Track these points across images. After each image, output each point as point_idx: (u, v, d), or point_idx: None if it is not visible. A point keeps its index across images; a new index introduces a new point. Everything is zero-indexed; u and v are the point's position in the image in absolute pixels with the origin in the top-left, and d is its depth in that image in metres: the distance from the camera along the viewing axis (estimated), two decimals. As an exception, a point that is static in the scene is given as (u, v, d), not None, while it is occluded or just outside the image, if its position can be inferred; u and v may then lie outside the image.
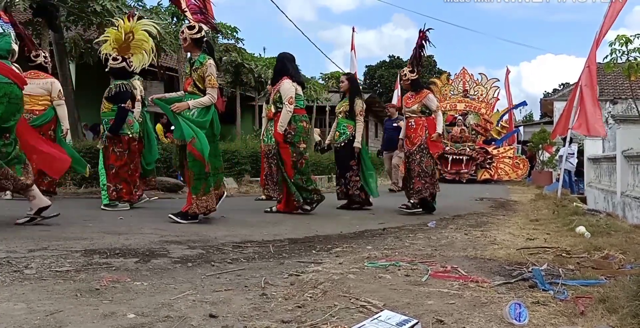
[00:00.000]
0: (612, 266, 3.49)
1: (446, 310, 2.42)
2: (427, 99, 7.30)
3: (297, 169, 6.56)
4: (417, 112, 7.32)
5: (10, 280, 2.73)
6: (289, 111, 6.48)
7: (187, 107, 5.43)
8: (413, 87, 7.44)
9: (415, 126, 7.34)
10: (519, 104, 23.99)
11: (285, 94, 6.53)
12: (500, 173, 19.59)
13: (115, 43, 6.53)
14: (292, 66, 6.84)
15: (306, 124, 6.75)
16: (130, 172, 6.59)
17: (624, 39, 9.50)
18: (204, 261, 3.47)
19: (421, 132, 7.29)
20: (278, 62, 6.92)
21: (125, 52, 6.57)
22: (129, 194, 6.55)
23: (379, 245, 4.38)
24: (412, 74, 7.40)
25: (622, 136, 9.75)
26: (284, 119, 6.49)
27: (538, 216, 6.89)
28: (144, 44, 6.55)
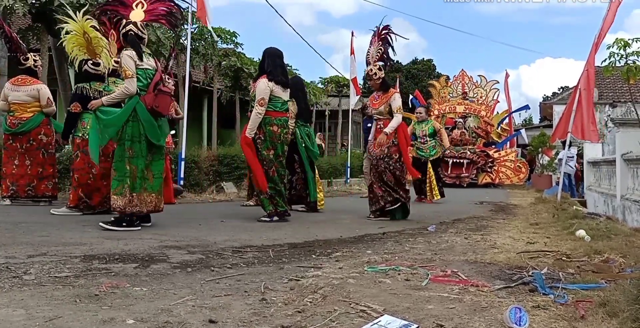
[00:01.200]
0: (613, 270, 3.48)
1: (446, 315, 2.42)
2: (393, 99, 6.89)
3: (269, 178, 6.15)
4: (384, 113, 6.91)
5: (9, 286, 2.72)
6: (258, 113, 6.07)
7: (101, 104, 5.19)
8: (382, 87, 7.05)
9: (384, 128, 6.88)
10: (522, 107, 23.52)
11: (257, 94, 6.14)
12: (501, 177, 19.14)
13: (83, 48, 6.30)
14: (275, 63, 6.35)
15: (277, 128, 6.21)
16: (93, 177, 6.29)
17: (623, 42, 9.52)
18: (203, 266, 3.46)
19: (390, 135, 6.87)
20: (261, 58, 6.49)
21: (92, 55, 6.36)
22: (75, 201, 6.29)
23: (378, 249, 4.37)
24: (382, 73, 7.02)
25: (622, 140, 9.76)
26: (252, 122, 6.10)
27: (538, 220, 6.89)
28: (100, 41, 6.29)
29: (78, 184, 6.26)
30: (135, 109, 5.09)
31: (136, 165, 5.07)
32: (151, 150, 5.20)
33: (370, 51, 7.20)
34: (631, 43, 9.71)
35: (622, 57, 10.54)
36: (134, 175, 5.05)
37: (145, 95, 5.10)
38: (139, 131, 5.10)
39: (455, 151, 18.49)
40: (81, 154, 6.29)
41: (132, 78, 5.07)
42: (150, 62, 5.26)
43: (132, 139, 5.08)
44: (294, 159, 7.69)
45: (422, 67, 41.15)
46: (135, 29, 5.22)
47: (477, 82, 21.19)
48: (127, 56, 5.09)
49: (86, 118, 6.30)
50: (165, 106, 5.27)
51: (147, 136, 5.12)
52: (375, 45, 7.14)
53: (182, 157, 9.46)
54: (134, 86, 5.07)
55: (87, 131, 6.24)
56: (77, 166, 6.32)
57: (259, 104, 6.07)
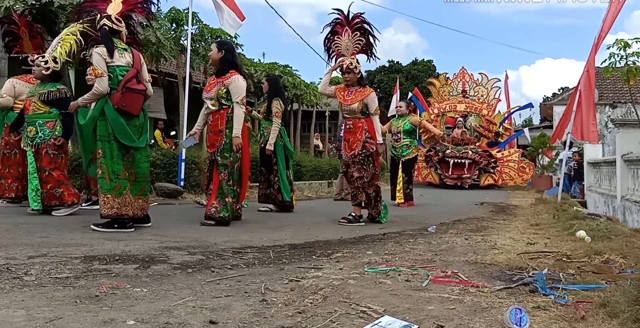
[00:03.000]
0: (613, 270, 3.48)
1: (447, 316, 2.42)
2: (369, 98, 6.39)
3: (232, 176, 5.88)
4: (357, 112, 6.40)
5: (9, 287, 2.72)
6: (243, 112, 5.86)
7: (78, 106, 5.10)
8: (360, 82, 6.54)
9: (354, 128, 6.43)
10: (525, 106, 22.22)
11: (240, 92, 5.82)
12: (504, 178, 18.10)
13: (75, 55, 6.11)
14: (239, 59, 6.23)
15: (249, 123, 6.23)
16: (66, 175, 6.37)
17: (623, 43, 9.51)
18: (203, 267, 3.46)
19: (361, 136, 6.39)
20: (227, 52, 5.95)
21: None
22: (72, 196, 6.30)
23: (379, 250, 4.37)
24: (361, 66, 6.54)
25: (622, 140, 9.74)
26: (240, 122, 5.78)
27: (538, 221, 6.89)
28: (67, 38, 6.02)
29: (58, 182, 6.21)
30: (103, 109, 4.98)
31: (107, 166, 4.94)
32: (128, 151, 5.07)
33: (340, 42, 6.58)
34: (631, 44, 9.70)
35: (622, 58, 10.52)
36: (106, 177, 4.93)
37: (114, 93, 4.99)
38: (107, 130, 4.97)
39: (457, 151, 17.69)
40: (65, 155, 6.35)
41: (103, 77, 4.94)
42: (126, 58, 5.12)
43: (102, 139, 4.97)
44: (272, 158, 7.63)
45: (422, 68, 41.10)
46: (109, 22, 5.13)
47: (477, 80, 20.22)
48: (96, 54, 4.96)
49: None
50: (135, 105, 5.09)
51: (117, 136, 4.98)
52: (347, 35, 6.56)
53: (182, 158, 9.44)
54: (104, 85, 4.94)
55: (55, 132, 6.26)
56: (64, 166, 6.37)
57: (243, 102, 5.84)
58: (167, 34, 12.65)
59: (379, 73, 42.40)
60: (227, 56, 5.93)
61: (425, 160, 17.96)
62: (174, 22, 13.54)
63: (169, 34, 13.00)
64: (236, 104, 5.78)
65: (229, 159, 5.78)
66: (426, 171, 18.22)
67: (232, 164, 5.79)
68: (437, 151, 17.83)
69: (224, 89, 5.80)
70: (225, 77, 5.83)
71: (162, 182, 9.19)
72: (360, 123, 6.41)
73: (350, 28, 6.54)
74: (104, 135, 4.97)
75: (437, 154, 17.74)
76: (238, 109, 5.79)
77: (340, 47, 6.60)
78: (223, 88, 5.80)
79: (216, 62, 5.98)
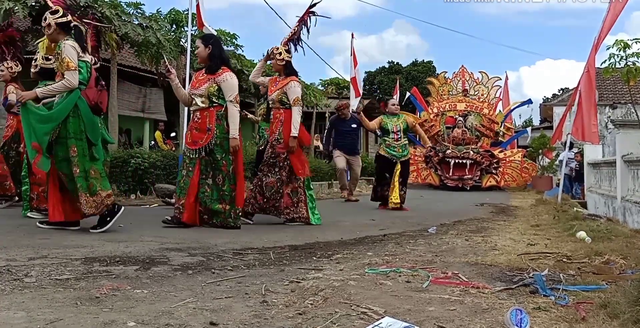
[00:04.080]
0: (613, 271, 3.48)
1: (447, 317, 2.42)
2: (288, 87, 6.22)
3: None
4: (276, 102, 6.28)
5: (10, 289, 2.72)
6: (238, 110, 5.66)
7: (35, 96, 4.80)
8: (285, 71, 6.40)
9: (272, 119, 6.34)
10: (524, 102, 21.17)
11: (233, 90, 5.60)
12: (507, 179, 17.62)
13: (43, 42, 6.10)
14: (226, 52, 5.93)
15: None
16: None
17: (623, 43, 9.51)
18: (204, 268, 3.46)
19: (275, 129, 6.27)
20: (214, 47, 5.73)
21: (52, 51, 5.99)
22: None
23: (379, 251, 4.37)
24: (289, 55, 6.45)
25: (622, 141, 9.73)
26: (235, 122, 5.58)
27: (539, 222, 6.89)
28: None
29: None
30: (76, 104, 4.83)
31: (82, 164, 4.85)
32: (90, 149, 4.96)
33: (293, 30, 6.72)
34: (631, 44, 9.69)
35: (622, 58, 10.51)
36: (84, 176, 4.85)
37: (87, 90, 4.89)
38: (80, 127, 4.85)
39: (457, 151, 17.25)
40: None
41: (75, 71, 4.79)
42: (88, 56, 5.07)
43: (75, 136, 4.84)
44: None
45: (423, 68, 41.14)
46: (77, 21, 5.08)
47: (478, 79, 19.60)
48: (70, 47, 4.82)
49: None
50: (106, 103, 5.12)
51: (87, 134, 4.88)
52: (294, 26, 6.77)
53: (182, 159, 9.44)
54: (76, 79, 4.79)
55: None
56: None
57: (237, 101, 5.63)
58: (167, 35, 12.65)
59: (379, 74, 42.44)
60: (215, 51, 5.72)
61: (425, 161, 17.65)
62: (174, 23, 13.55)
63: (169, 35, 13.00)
64: (230, 102, 5.59)
65: (222, 163, 5.56)
66: (426, 172, 17.86)
67: (226, 168, 5.57)
68: (437, 151, 17.42)
69: (216, 87, 5.58)
70: (217, 74, 5.61)
71: (162, 183, 9.20)
72: (277, 114, 6.29)
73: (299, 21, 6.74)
74: (77, 132, 4.84)
75: (437, 155, 17.34)
76: (233, 109, 5.59)
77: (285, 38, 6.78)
78: (215, 85, 5.58)
79: (204, 59, 5.77)
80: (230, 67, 5.79)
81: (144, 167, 9.46)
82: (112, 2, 11.52)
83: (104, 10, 10.62)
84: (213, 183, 5.58)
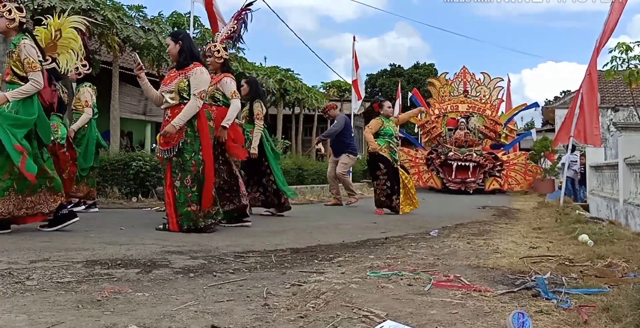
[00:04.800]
0: (616, 274, 3.47)
1: (449, 320, 2.41)
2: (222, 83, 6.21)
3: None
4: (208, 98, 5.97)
5: (11, 292, 2.72)
6: (197, 106, 5.31)
7: (6, 100, 4.64)
8: (223, 68, 6.40)
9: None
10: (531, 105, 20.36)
11: (200, 85, 5.34)
12: (511, 182, 17.11)
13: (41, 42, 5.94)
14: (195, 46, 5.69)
15: (213, 123, 5.60)
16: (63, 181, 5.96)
17: (625, 46, 9.52)
18: (205, 271, 3.46)
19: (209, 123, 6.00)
20: (184, 42, 5.52)
21: (51, 51, 6.08)
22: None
23: (381, 254, 4.37)
24: (226, 52, 6.49)
25: (624, 144, 9.72)
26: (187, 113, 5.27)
27: (541, 225, 6.88)
28: (72, 42, 6.04)
29: None
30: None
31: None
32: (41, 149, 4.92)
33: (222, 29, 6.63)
34: (633, 47, 9.70)
35: (624, 61, 10.52)
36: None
37: (42, 90, 4.83)
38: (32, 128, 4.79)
39: (460, 153, 16.81)
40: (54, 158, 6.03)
41: (40, 71, 4.75)
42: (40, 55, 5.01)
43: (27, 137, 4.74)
44: (261, 161, 7.41)
45: (424, 71, 41.18)
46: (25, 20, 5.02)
47: (480, 79, 19.11)
48: (30, 47, 4.74)
49: (54, 120, 6.20)
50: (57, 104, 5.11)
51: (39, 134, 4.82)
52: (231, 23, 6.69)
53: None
54: (42, 80, 4.74)
55: (58, 134, 6.20)
56: None
57: (201, 97, 5.32)
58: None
59: (381, 77, 42.48)
60: (185, 46, 5.50)
61: (427, 163, 17.34)
62: (175, 26, 13.57)
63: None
64: (193, 96, 5.30)
65: (191, 163, 5.29)
66: (427, 175, 17.48)
67: (195, 169, 5.30)
68: (439, 153, 17.12)
69: (186, 82, 5.35)
70: (188, 69, 5.39)
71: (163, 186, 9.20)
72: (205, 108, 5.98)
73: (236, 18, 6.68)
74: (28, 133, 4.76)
75: (439, 157, 17.00)
76: (192, 102, 5.28)
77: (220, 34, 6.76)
78: (185, 80, 5.36)
79: (175, 56, 5.57)
80: (202, 63, 5.58)
81: (146, 170, 9.48)
82: (114, 5, 11.57)
83: (106, 13, 10.65)
84: (181, 185, 5.31)
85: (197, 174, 5.31)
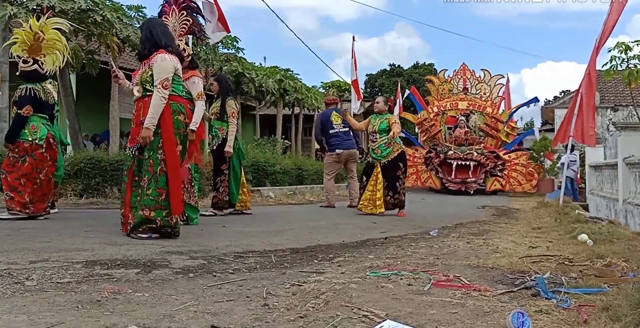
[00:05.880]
0: (615, 274, 3.47)
1: (449, 320, 2.41)
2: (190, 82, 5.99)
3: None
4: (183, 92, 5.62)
5: (11, 292, 2.72)
6: (163, 97, 4.76)
7: None
8: (191, 65, 6.23)
9: None
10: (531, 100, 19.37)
11: (161, 73, 4.79)
12: (512, 183, 16.54)
13: (24, 44, 6.16)
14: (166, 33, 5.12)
15: (184, 118, 5.00)
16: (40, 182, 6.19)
17: (624, 46, 9.52)
18: (205, 271, 3.46)
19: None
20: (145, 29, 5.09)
21: (36, 53, 6.19)
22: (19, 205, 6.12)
23: (381, 254, 4.37)
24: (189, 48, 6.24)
25: (624, 143, 9.73)
26: (155, 111, 4.74)
27: (540, 224, 6.88)
28: (57, 43, 6.16)
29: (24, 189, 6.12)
30: None
31: None
32: None
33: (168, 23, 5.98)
34: (632, 47, 9.70)
35: (624, 61, 10.53)
36: None
37: None
38: None
39: (460, 152, 16.20)
40: (30, 158, 6.15)
41: None
42: None
43: None
44: (224, 160, 7.30)
45: (424, 71, 41.17)
46: None
47: (480, 77, 18.45)
48: None
49: (35, 121, 6.21)
50: None
51: None
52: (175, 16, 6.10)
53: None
54: None
55: (37, 135, 6.18)
56: (25, 171, 6.14)
57: (163, 86, 4.75)
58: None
59: (380, 77, 42.47)
60: (144, 35, 5.05)
61: (425, 163, 16.93)
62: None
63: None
64: (155, 88, 4.77)
65: (149, 162, 4.79)
66: (426, 174, 17.06)
67: (152, 169, 4.77)
68: (437, 152, 16.61)
69: (149, 72, 4.85)
70: (150, 59, 4.91)
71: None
72: None
73: (177, 7, 6.14)
74: None
75: (438, 156, 16.48)
76: (155, 95, 4.75)
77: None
78: (148, 71, 4.86)
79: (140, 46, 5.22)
80: (167, 49, 4.94)
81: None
82: (113, 5, 11.57)
83: (105, 13, 10.64)
84: (140, 186, 4.86)
85: (154, 175, 4.77)
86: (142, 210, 4.77)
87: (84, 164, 9.34)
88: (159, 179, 4.77)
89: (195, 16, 6.18)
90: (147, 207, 4.76)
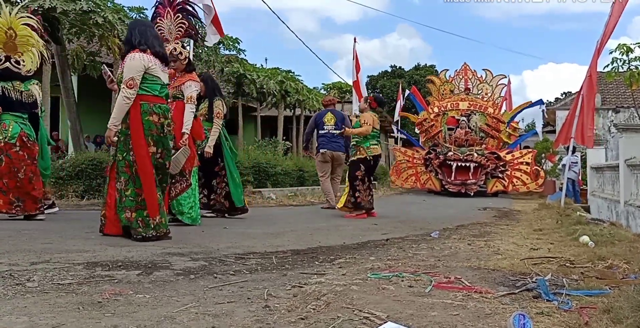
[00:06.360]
0: (616, 276, 3.47)
1: (450, 322, 2.41)
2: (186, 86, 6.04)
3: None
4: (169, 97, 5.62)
5: (12, 293, 2.72)
6: (125, 97, 4.67)
7: None
8: (187, 68, 6.23)
9: None
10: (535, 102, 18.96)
11: (127, 72, 4.71)
12: (516, 183, 16.01)
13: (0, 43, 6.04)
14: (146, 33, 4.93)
15: (159, 118, 4.82)
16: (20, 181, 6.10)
17: (625, 48, 9.52)
18: (206, 273, 3.46)
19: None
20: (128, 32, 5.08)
21: (12, 51, 6.08)
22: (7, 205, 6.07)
23: (382, 255, 4.36)
24: (186, 51, 6.27)
25: (625, 145, 9.73)
26: (117, 109, 4.72)
27: (541, 226, 6.87)
28: (30, 39, 6.07)
29: (7, 188, 6.07)
30: None
31: None
32: None
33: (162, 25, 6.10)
34: (634, 48, 9.70)
35: (625, 62, 10.53)
36: None
37: None
38: None
39: (460, 153, 15.84)
40: (5, 158, 6.08)
41: None
42: None
43: None
44: (216, 161, 7.21)
45: (425, 72, 41.14)
46: None
47: (481, 77, 18.02)
48: None
49: (7, 120, 6.15)
50: None
51: None
52: (170, 18, 6.13)
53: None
54: None
55: (8, 134, 6.12)
56: (2, 171, 6.08)
57: (128, 85, 4.66)
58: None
59: (382, 78, 42.45)
60: (127, 34, 5.03)
61: (425, 164, 16.58)
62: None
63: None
64: (122, 88, 4.69)
65: (124, 163, 4.77)
66: (425, 176, 16.68)
67: (129, 170, 4.76)
68: (437, 153, 16.25)
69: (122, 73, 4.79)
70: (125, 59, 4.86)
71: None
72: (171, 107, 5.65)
73: (172, 9, 6.14)
74: None
75: (437, 157, 16.11)
76: (120, 94, 4.70)
77: (163, 31, 6.17)
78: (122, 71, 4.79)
79: None
80: (140, 48, 4.82)
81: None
82: (114, 6, 11.58)
83: (106, 14, 10.65)
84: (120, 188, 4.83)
85: (131, 176, 4.77)
86: (125, 212, 4.77)
87: (85, 165, 9.35)
88: (136, 180, 4.76)
89: (191, 19, 6.18)
90: (128, 209, 4.76)
